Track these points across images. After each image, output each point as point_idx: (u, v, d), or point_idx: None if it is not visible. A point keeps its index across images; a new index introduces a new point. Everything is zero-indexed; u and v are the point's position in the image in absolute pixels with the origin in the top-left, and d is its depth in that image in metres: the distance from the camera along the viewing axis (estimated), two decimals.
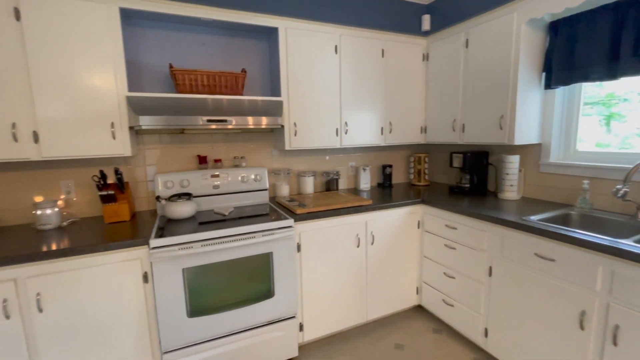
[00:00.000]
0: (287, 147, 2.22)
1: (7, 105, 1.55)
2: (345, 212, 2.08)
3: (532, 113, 2.08)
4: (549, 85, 2.04)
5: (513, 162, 2.18)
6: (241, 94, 2.10)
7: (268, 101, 2.01)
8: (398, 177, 3.10)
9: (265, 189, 2.37)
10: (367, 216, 2.17)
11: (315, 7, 2.18)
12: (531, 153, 2.24)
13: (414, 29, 2.57)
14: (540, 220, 1.73)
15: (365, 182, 2.79)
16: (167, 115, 1.78)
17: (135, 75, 2.03)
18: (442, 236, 2.20)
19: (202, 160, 2.24)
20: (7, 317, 1.39)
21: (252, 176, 2.32)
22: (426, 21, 2.56)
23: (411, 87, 2.63)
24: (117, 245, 1.54)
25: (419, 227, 2.39)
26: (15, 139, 1.58)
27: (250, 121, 1.99)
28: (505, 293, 1.78)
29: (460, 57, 2.34)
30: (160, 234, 1.65)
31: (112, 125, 1.74)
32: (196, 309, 1.71)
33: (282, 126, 2.20)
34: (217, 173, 2.22)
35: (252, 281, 1.83)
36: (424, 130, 2.75)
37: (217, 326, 1.76)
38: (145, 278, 1.61)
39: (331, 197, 2.36)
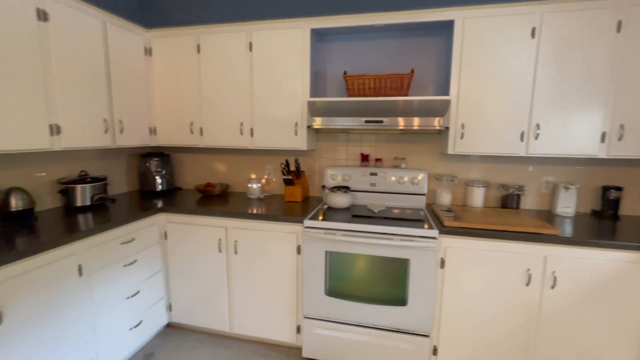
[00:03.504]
0: (449, 151, 2.01)
1: (239, 110, 2.28)
2: (511, 237, 1.67)
3: None
4: None
5: None
6: (406, 95, 2.08)
7: (430, 101, 1.89)
8: (634, 207, 2.10)
9: (423, 194, 2.24)
10: (547, 249, 1.64)
11: None
12: None
13: None
14: None
15: (567, 205, 2.08)
16: (334, 117, 2.05)
17: (318, 83, 2.43)
18: None
19: (364, 158, 2.41)
20: (220, 251, 2.08)
21: (409, 178, 2.26)
22: None
23: None
24: (284, 218, 1.95)
25: None
26: (241, 133, 2.30)
27: (407, 122, 1.94)
28: None
29: None
30: (318, 217, 1.94)
31: (296, 124, 2.19)
32: (333, 290, 1.90)
33: (447, 128, 2.00)
34: (375, 172, 2.32)
35: (386, 283, 1.83)
36: None
37: (349, 313, 1.89)
38: (298, 250, 1.96)
39: (501, 216, 1.94)
